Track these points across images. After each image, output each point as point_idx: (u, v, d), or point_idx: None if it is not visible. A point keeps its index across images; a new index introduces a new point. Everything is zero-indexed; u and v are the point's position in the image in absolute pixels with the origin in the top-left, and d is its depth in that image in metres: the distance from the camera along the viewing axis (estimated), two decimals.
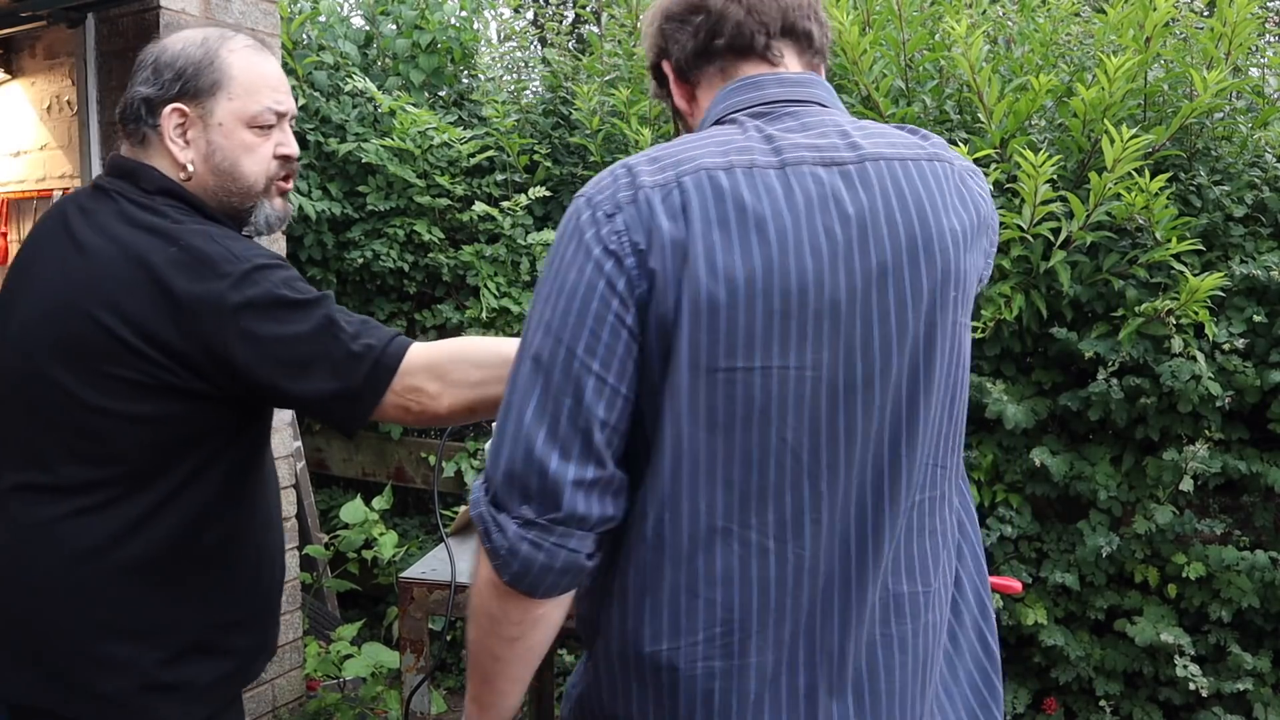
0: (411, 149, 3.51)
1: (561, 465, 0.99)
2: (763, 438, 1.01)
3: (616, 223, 1.01)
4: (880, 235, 1.03)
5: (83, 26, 2.61)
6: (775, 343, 1.00)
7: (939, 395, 1.07)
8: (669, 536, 1.02)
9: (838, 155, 1.05)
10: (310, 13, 3.84)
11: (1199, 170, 2.83)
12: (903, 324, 1.03)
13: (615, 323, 1.00)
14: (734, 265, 0.99)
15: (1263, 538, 2.76)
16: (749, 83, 1.13)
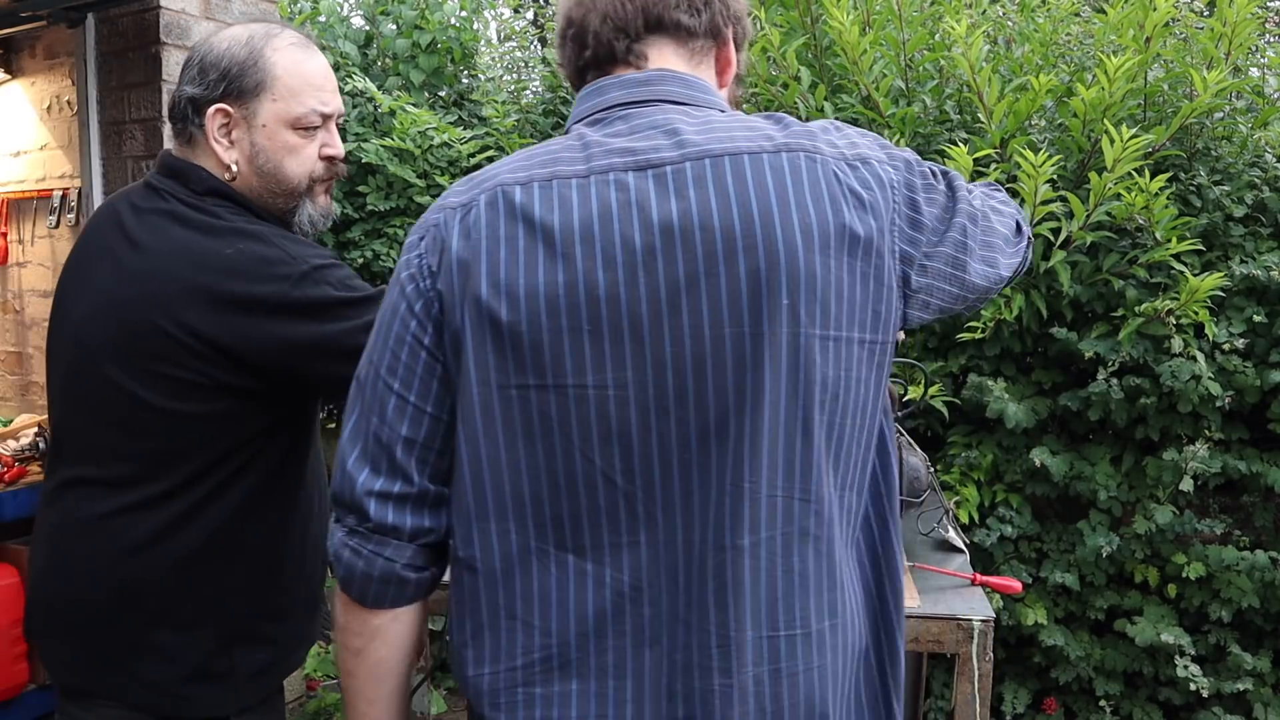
0: (411, 149, 3.51)
1: (368, 479, 1.04)
2: (566, 458, 0.98)
3: (421, 247, 1.04)
4: (692, 242, 0.96)
5: (83, 26, 2.61)
6: (568, 360, 0.97)
7: (780, 417, 0.96)
8: (480, 555, 1.01)
9: (657, 157, 0.99)
10: (310, 13, 3.84)
11: (1199, 170, 2.83)
12: (718, 338, 0.95)
13: (414, 343, 1.02)
14: (517, 281, 0.97)
15: (1263, 538, 2.76)
16: (592, 90, 1.10)
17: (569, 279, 0.96)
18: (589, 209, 0.98)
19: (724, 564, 0.97)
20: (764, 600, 0.98)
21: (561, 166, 1.01)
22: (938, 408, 2.81)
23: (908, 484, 1.68)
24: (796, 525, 0.99)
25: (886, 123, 2.96)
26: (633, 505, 0.98)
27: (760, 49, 3.09)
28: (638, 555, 0.99)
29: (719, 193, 0.97)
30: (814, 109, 3.03)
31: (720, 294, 0.95)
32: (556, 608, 1.00)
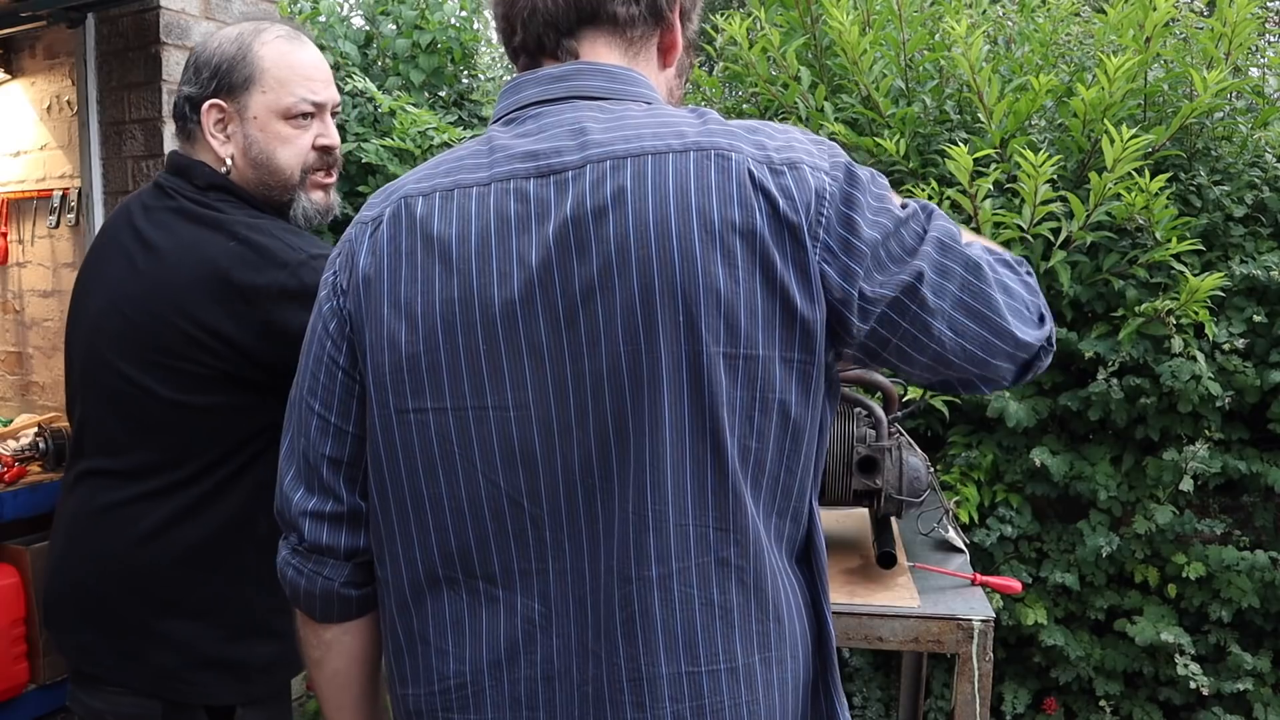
0: (411, 149, 3.51)
1: (302, 499, 1.03)
2: (470, 483, 0.94)
3: (335, 264, 1.03)
4: (588, 254, 0.89)
5: (83, 26, 2.61)
6: (466, 381, 0.93)
7: (686, 440, 0.90)
8: (392, 580, 1.00)
9: (559, 161, 0.93)
10: (310, 13, 3.84)
11: (1199, 170, 2.83)
12: (614, 355, 0.89)
13: (330, 363, 1.01)
14: (415, 299, 0.94)
15: (1263, 538, 2.76)
16: (510, 88, 1.04)
17: (464, 296, 0.93)
18: (486, 220, 0.93)
19: (631, 595, 0.91)
20: (680, 633, 0.92)
21: (464, 174, 0.97)
22: (938, 408, 2.81)
23: (908, 484, 1.68)
24: (714, 555, 0.92)
25: (886, 123, 2.96)
26: (540, 530, 0.94)
27: (760, 49, 3.09)
28: (547, 583, 0.94)
29: (617, 198, 0.90)
30: (814, 109, 3.03)
31: (615, 309, 0.89)
32: (469, 635, 0.97)
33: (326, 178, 1.56)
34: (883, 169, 3.02)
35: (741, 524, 0.92)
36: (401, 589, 0.99)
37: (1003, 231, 2.71)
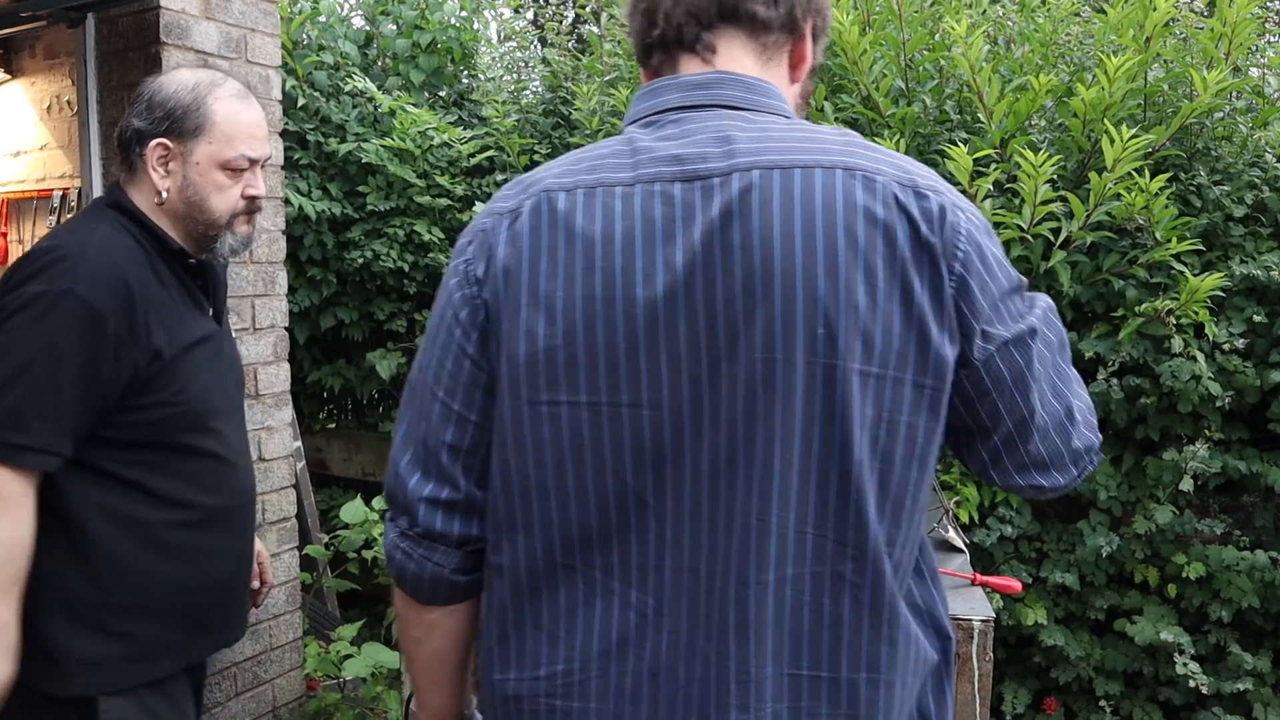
0: (411, 149, 3.51)
1: (418, 484, 1.03)
2: (598, 476, 0.95)
3: (467, 252, 1.02)
4: (732, 261, 0.91)
5: (83, 26, 2.61)
6: (603, 376, 0.93)
7: (814, 450, 0.91)
8: (508, 566, 1.01)
9: (704, 168, 0.94)
10: (310, 13, 3.84)
11: (1199, 170, 2.83)
12: (751, 362, 0.90)
13: (459, 352, 1.01)
14: (555, 293, 0.94)
15: (1263, 538, 2.76)
16: (647, 91, 1.04)
17: (607, 293, 0.93)
18: (631, 220, 0.94)
19: (746, 600, 0.93)
20: (786, 636, 0.94)
21: (607, 174, 0.97)
22: None
23: None
24: (829, 567, 0.93)
25: (886, 123, 2.96)
26: (662, 527, 0.95)
27: None
28: (662, 579, 0.95)
29: (763, 209, 0.91)
30: (814, 109, 3.03)
31: (756, 317, 0.90)
32: (582, 624, 0.98)
33: (248, 220, 1.74)
34: None
35: (860, 541, 0.93)
36: (518, 576, 1.00)
37: (1003, 231, 2.71)
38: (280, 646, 2.94)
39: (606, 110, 3.61)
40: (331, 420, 4.28)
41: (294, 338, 3.52)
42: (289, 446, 2.94)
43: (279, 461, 2.89)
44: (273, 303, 2.84)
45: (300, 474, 3.44)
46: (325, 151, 3.65)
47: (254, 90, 2.73)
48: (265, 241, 2.81)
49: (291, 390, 2.97)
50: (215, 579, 1.73)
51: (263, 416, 2.83)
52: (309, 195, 3.55)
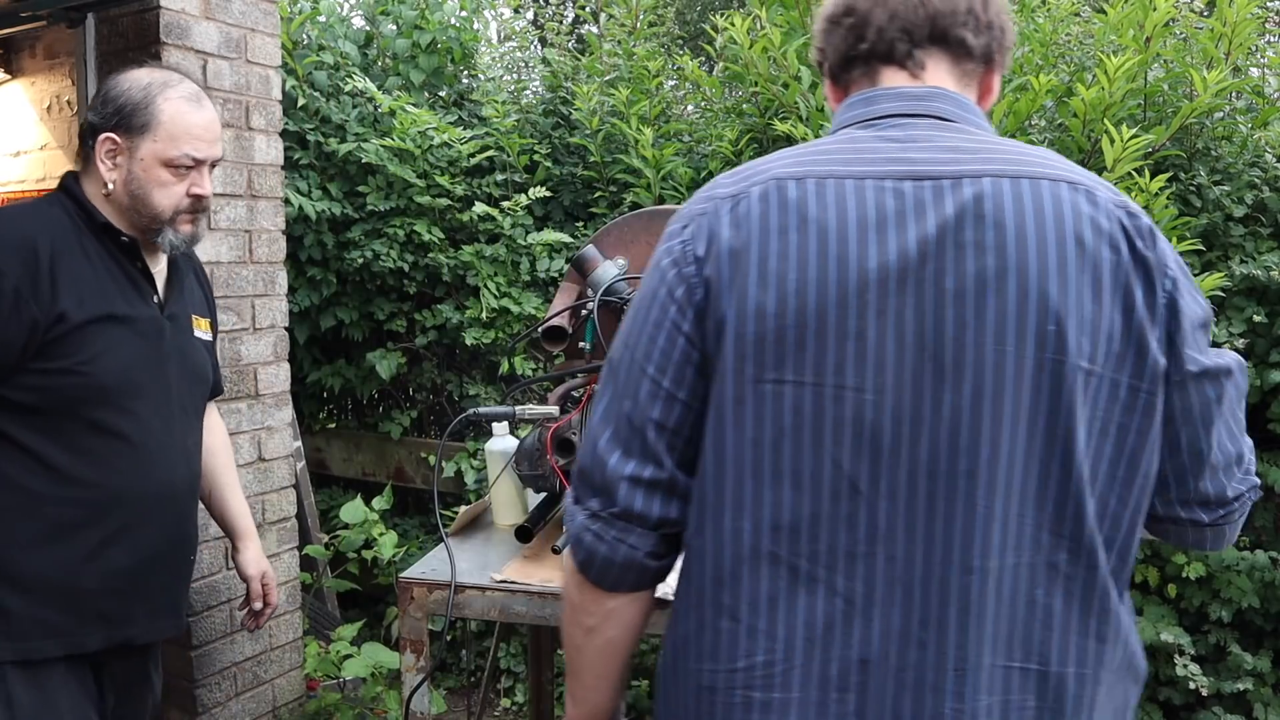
0: (411, 149, 3.51)
1: (620, 462, 1.03)
2: (815, 460, 0.95)
3: (685, 234, 1.03)
4: (963, 257, 0.94)
5: (83, 26, 2.61)
6: (830, 358, 0.95)
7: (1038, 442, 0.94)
8: (711, 551, 1.00)
9: (934, 169, 0.98)
10: (310, 13, 3.84)
11: (1199, 170, 2.83)
12: (980, 355, 0.94)
13: (672, 329, 1.01)
14: (787, 275, 0.96)
15: (1263, 538, 2.76)
16: (862, 99, 1.09)
17: (840, 278, 0.95)
18: (864, 210, 0.96)
19: (968, 586, 0.94)
20: (1003, 625, 0.95)
21: (837, 166, 1.00)
22: None
23: None
24: (1044, 558, 0.96)
25: None
26: (874, 515, 0.95)
27: (761, 49, 3.09)
28: (874, 566, 0.96)
29: (996, 212, 0.95)
30: (814, 109, 3.03)
31: (988, 312, 0.94)
32: (784, 614, 0.97)
33: (193, 219, 1.77)
34: None
35: (1077, 534, 0.96)
36: (720, 561, 1.00)
37: None
38: (280, 646, 2.94)
39: (606, 110, 3.61)
40: (331, 420, 4.28)
41: (294, 338, 3.52)
42: (289, 446, 2.94)
43: (279, 461, 2.89)
44: (273, 303, 2.84)
45: (300, 474, 3.44)
46: (325, 151, 3.65)
47: (253, 90, 2.74)
48: (265, 241, 2.81)
49: (291, 390, 2.97)
50: (112, 567, 1.69)
51: (263, 416, 2.83)
52: (309, 195, 3.55)
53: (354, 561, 3.01)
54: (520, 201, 3.50)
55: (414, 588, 1.77)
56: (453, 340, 3.69)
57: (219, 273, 2.67)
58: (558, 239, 3.53)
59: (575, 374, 1.98)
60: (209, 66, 2.61)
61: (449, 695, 3.45)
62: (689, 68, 3.56)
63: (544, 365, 3.38)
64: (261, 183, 2.79)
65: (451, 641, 3.63)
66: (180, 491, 1.81)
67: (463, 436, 3.61)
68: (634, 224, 2.03)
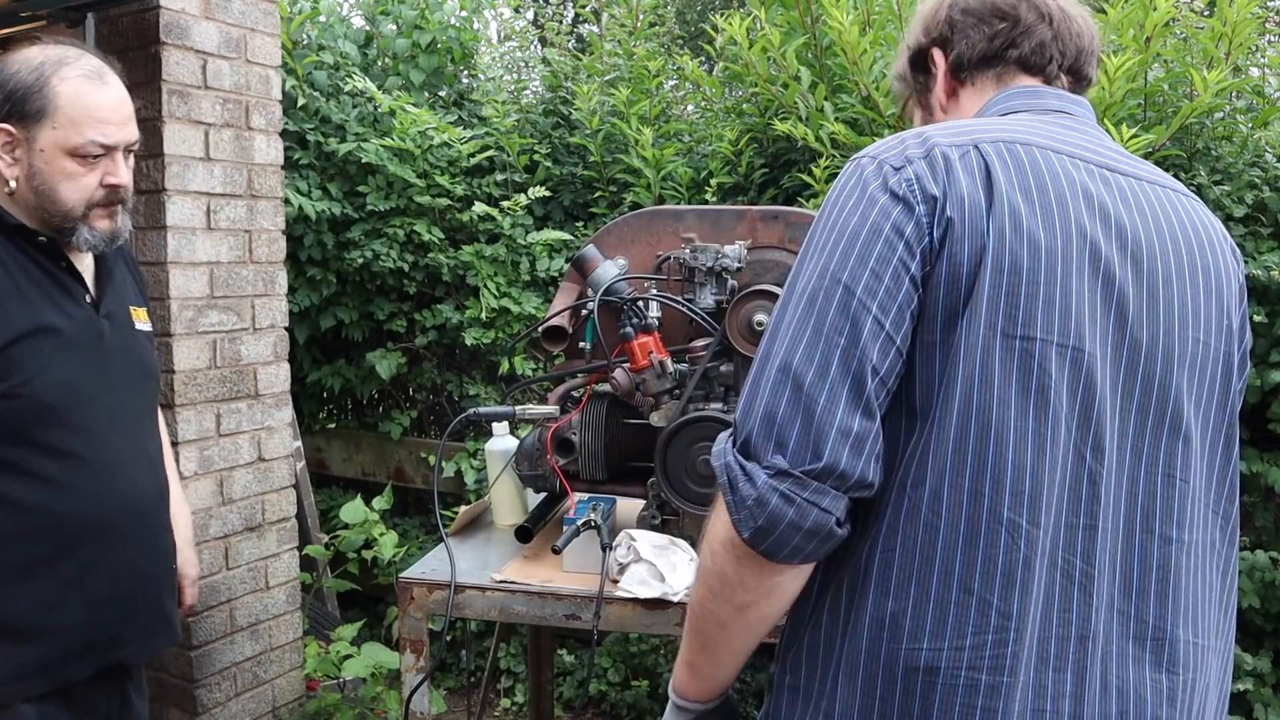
0: (411, 149, 3.51)
1: (828, 409, 0.91)
2: (1055, 425, 0.92)
3: (906, 173, 0.96)
4: (1164, 247, 1.01)
5: (83, 26, 2.61)
6: (1073, 321, 0.93)
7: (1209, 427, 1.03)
8: (947, 515, 0.92)
9: (1116, 164, 1.04)
10: (310, 13, 3.84)
11: (1199, 170, 2.83)
12: (1184, 339, 1.00)
13: (899, 268, 0.93)
14: (1038, 231, 0.94)
15: (1263, 538, 2.76)
16: (1030, 90, 1.13)
17: (1082, 244, 0.95)
18: (1086, 186, 0.99)
19: (1169, 556, 0.98)
20: (1190, 602, 0.99)
21: (1051, 140, 1.01)
22: None
23: None
24: (1209, 534, 1.02)
25: (887, 122, 2.96)
26: (1096, 485, 0.94)
27: (760, 49, 3.09)
28: (1093, 539, 0.94)
29: (1175, 214, 1.03)
30: (814, 109, 3.03)
31: (1188, 300, 1.01)
32: (1020, 588, 0.91)
33: (109, 213, 1.58)
34: None
35: (1229, 513, 1.06)
36: (957, 528, 0.92)
37: None
38: (280, 646, 2.94)
39: (606, 110, 3.61)
40: (331, 420, 4.27)
41: (294, 338, 3.52)
42: (289, 446, 2.94)
43: (279, 461, 2.89)
44: (273, 303, 2.84)
45: (300, 474, 3.44)
46: (325, 151, 3.65)
47: (253, 90, 2.74)
48: (265, 241, 2.81)
49: (291, 390, 2.97)
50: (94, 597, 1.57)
51: (263, 416, 2.82)
52: (309, 195, 3.55)
53: (354, 561, 3.01)
54: (520, 201, 3.50)
55: (414, 588, 1.77)
56: (453, 340, 3.69)
57: (219, 273, 2.67)
58: (557, 237, 3.53)
59: (575, 374, 1.98)
60: (209, 66, 2.61)
61: (449, 695, 3.45)
62: (689, 68, 3.56)
63: (544, 365, 3.38)
64: (261, 183, 2.79)
65: (451, 641, 3.63)
66: (150, 502, 1.68)
67: (463, 436, 3.61)
68: (634, 224, 2.03)
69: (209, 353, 2.66)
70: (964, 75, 1.16)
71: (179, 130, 2.55)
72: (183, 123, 2.56)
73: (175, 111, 2.53)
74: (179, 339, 2.57)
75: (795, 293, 0.97)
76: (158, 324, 2.56)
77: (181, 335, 2.58)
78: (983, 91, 1.15)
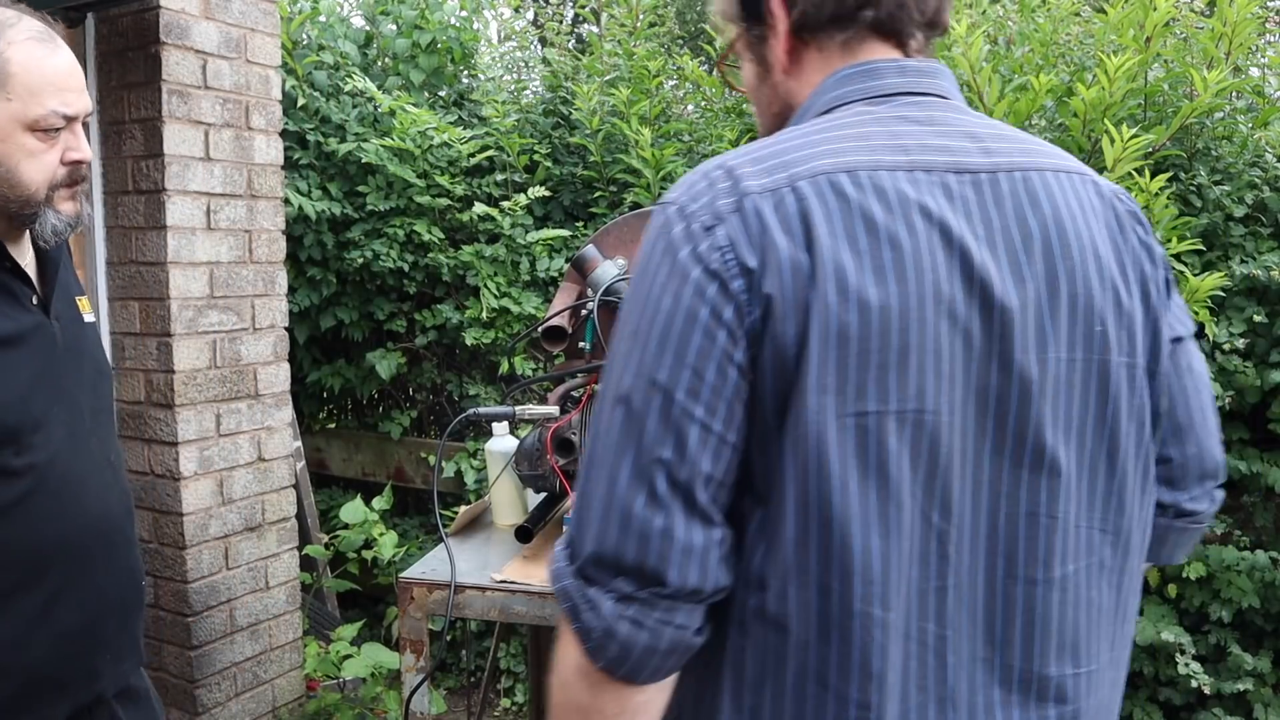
0: (411, 149, 3.51)
1: (665, 529, 0.84)
2: (898, 497, 0.85)
3: (718, 237, 0.85)
4: (1016, 261, 0.88)
5: (83, 26, 2.61)
6: (912, 382, 0.84)
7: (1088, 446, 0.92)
8: (797, 614, 0.86)
9: (969, 162, 0.90)
10: (310, 13, 3.84)
11: (1199, 170, 2.83)
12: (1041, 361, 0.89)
13: (722, 359, 0.84)
14: (866, 289, 0.83)
15: (1263, 538, 2.76)
16: (865, 70, 0.96)
17: (921, 287, 0.84)
18: (931, 205, 0.86)
19: (1035, 598, 0.90)
20: (1069, 636, 0.92)
21: (883, 156, 0.88)
22: None
23: None
24: (1096, 557, 0.94)
25: None
26: (944, 545, 0.87)
27: None
28: (943, 599, 0.88)
29: (1035, 211, 0.90)
30: None
31: (1045, 316, 0.89)
32: (877, 677, 0.86)
33: (73, 193, 1.42)
34: None
35: (1121, 526, 0.95)
36: (806, 625, 0.86)
37: None
38: (280, 646, 2.94)
39: (607, 110, 3.61)
40: (331, 420, 4.28)
41: (294, 338, 3.52)
42: (289, 446, 2.94)
43: (279, 461, 2.89)
44: (273, 303, 2.84)
45: (300, 474, 3.44)
46: (325, 151, 3.65)
47: (253, 90, 2.74)
48: (265, 241, 2.81)
49: (291, 390, 2.97)
50: (62, 629, 1.42)
51: (263, 416, 2.82)
52: (309, 195, 3.55)
53: (354, 561, 3.01)
54: (520, 201, 3.50)
55: (414, 588, 1.77)
56: (453, 340, 3.69)
57: (219, 273, 2.67)
58: (557, 235, 3.53)
59: (575, 374, 1.98)
60: (209, 66, 2.61)
61: (449, 695, 3.45)
62: (689, 68, 3.56)
63: (544, 365, 3.38)
64: (261, 183, 2.79)
65: (451, 641, 3.63)
66: (117, 519, 1.53)
67: (463, 436, 3.61)
68: (634, 224, 2.03)
69: (209, 353, 2.66)
70: (807, 36, 0.98)
71: (179, 130, 2.55)
72: (183, 123, 2.56)
73: (175, 111, 2.53)
74: (179, 339, 2.57)
75: (613, 390, 0.88)
76: (157, 324, 2.56)
77: (181, 335, 2.58)
78: (828, 61, 0.98)
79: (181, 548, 2.62)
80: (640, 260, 0.90)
